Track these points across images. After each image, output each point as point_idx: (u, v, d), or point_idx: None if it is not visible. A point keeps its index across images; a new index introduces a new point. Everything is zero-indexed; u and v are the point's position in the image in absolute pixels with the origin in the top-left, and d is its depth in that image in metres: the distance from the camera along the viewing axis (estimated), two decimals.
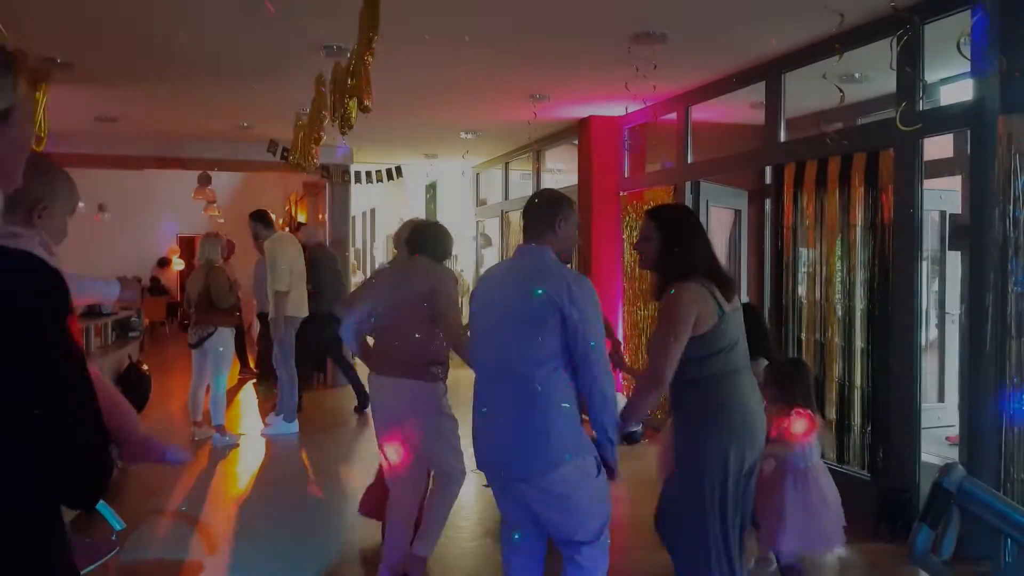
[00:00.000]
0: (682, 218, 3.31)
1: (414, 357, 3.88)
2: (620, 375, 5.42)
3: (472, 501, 5.51)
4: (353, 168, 10.61)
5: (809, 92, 5.96)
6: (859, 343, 5.29)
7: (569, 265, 3.13)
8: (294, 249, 7.87)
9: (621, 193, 8.30)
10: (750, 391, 3.11)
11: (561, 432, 2.82)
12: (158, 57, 6.07)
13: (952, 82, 5.87)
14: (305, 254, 8.07)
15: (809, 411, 3.87)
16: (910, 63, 4.74)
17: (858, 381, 5.29)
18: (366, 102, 4.83)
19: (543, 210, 3.02)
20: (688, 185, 7.19)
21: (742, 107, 7.10)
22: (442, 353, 3.97)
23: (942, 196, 6.49)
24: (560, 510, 2.88)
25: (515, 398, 2.86)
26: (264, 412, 8.22)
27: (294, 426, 7.56)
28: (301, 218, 13.85)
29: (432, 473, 4.11)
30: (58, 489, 1.37)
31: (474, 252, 12.52)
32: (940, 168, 5.97)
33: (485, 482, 3.16)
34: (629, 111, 7.73)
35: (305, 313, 7.85)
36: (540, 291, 2.81)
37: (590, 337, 2.80)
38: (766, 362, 4.09)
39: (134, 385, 5.77)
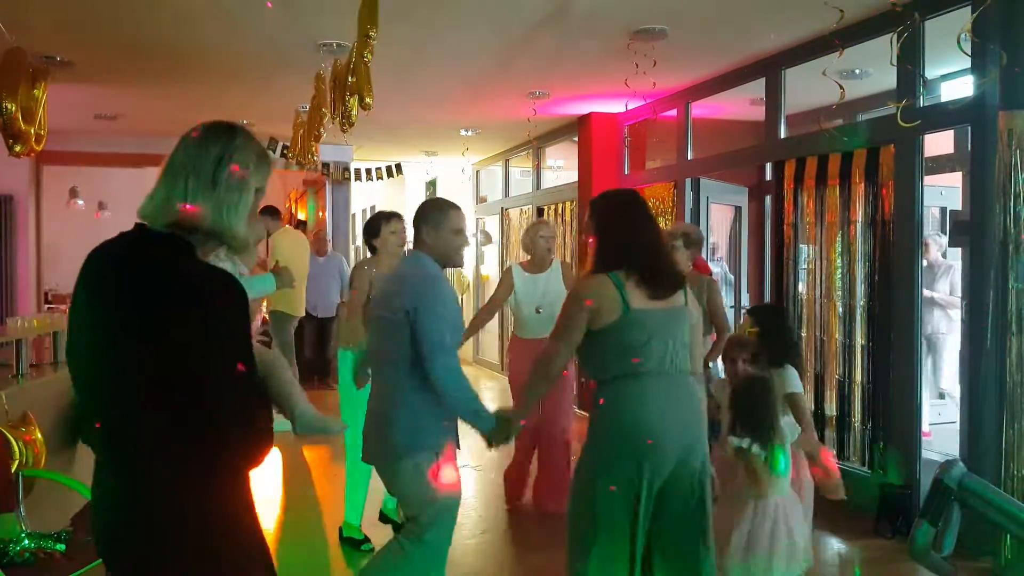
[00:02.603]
0: (611, 207, 3.04)
1: None
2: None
3: (473, 498, 5.51)
4: (353, 165, 10.61)
5: (809, 88, 5.95)
6: (859, 339, 5.29)
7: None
8: (295, 246, 7.87)
9: None
10: (663, 399, 2.80)
11: (402, 427, 2.98)
12: (158, 55, 6.06)
13: (953, 78, 5.87)
14: None
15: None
16: (911, 59, 4.74)
17: (858, 377, 5.28)
18: (367, 99, 4.83)
19: (416, 220, 3.20)
20: (688, 182, 7.19)
21: (742, 103, 7.09)
22: None
23: (942, 192, 6.48)
24: (396, 494, 3.17)
25: (376, 389, 3.17)
26: None
27: None
28: (301, 216, 13.85)
29: None
30: (251, 454, 1.73)
31: (474, 249, 12.52)
32: (941, 164, 5.96)
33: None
34: (629, 107, 7.72)
35: (302, 313, 7.86)
36: (396, 294, 3.03)
37: (426, 339, 2.91)
38: (791, 369, 3.65)
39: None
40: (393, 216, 4.76)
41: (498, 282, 5.53)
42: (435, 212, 3.17)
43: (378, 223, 4.69)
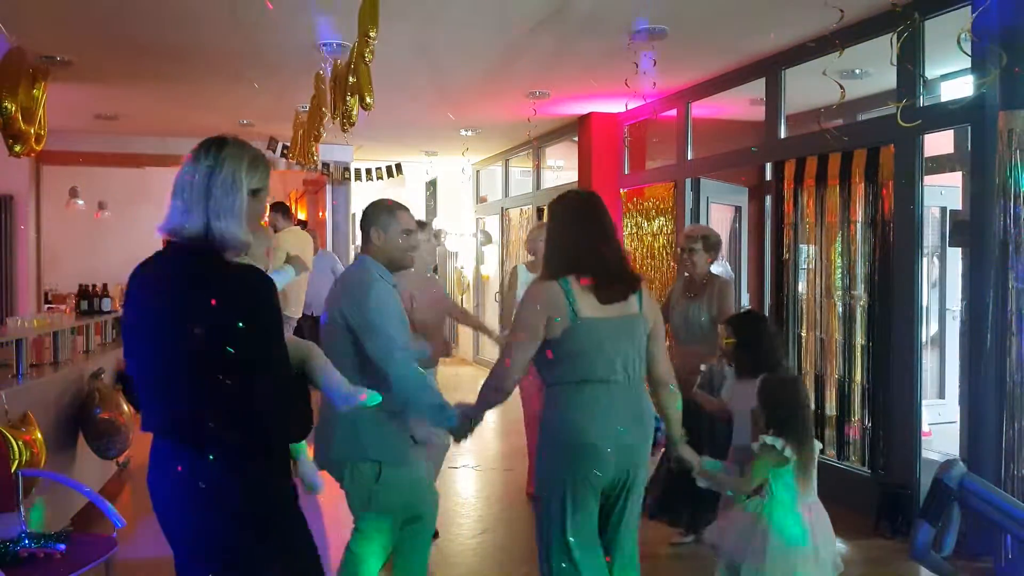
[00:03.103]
0: (563, 211, 2.95)
1: None
2: None
3: (473, 498, 5.51)
4: (353, 165, 10.61)
5: (809, 88, 5.95)
6: (859, 339, 5.29)
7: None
8: (299, 244, 7.86)
9: (621, 190, 8.29)
10: (610, 408, 2.74)
11: (343, 435, 2.99)
12: (158, 55, 6.06)
13: (953, 78, 5.87)
14: None
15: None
16: (910, 59, 4.74)
17: (858, 377, 5.29)
18: (367, 99, 4.83)
19: (362, 221, 3.19)
20: (688, 182, 7.19)
21: (742, 104, 7.09)
22: None
23: (942, 192, 6.48)
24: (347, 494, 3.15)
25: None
26: None
27: None
28: (301, 215, 13.85)
29: None
30: (291, 433, 2.04)
31: (474, 249, 12.52)
32: (940, 164, 5.96)
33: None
34: (629, 108, 7.72)
35: (299, 314, 7.86)
36: (336, 299, 3.06)
37: (368, 341, 2.92)
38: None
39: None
40: (423, 224, 4.76)
41: (508, 284, 5.46)
42: (383, 214, 3.14)
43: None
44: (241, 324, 1.90)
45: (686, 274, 4.77)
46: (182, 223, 1.97)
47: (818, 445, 3.22)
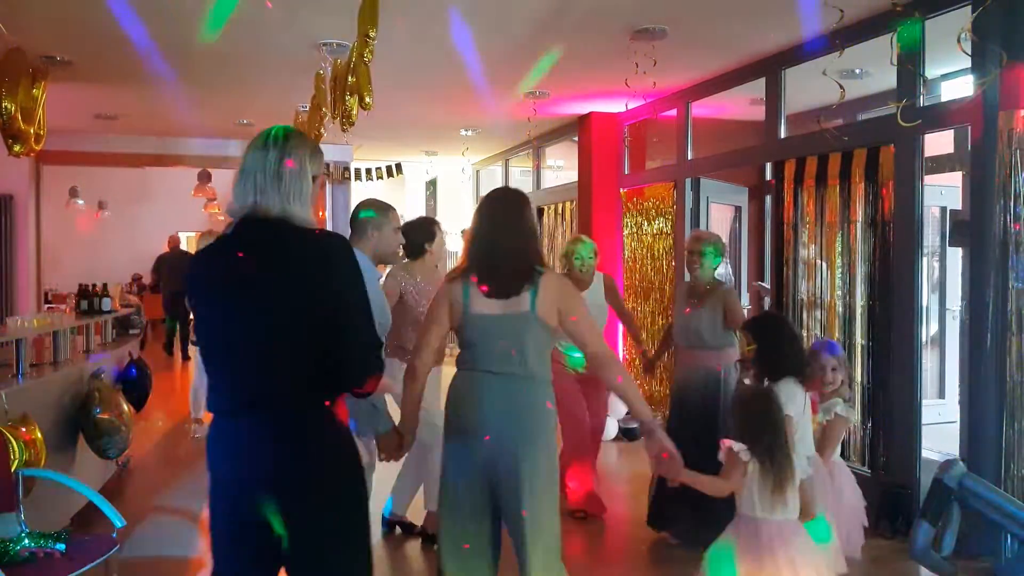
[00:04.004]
0: (479, 207, 3.08)
1: None
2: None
3: None
4: (353, 165, 10.61)
5: (809, 88, 5.95)
6: (859, 339, 5.29)
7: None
8: None
9: (621, 189, 8.30)
10: (493, 398, 2.83)
11: None
12: (157, 55, 6.05)
13: (953, 78, 5.87)
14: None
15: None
16: (910, 59, 4.74)
17: (859, 377, 5.28)
18: (367, 99, 4.83)
19: (354, 218, 3.46)
20: (688, 182, 7.19)
21: (742, 104, 7.09)
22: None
23: (942, 192, 6.48)
24: None
25: None
26: None
27: None
28: None
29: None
30: (361, 378, 2.16)
31: None
32: (941, 164, 5.96)
33: None
34: (629, 107, 7.72)
35: None
36: None
37: None
38: (787, 384, 3.37)
39: (134, 382, 5.76)
40: (436, 221, 4.81)
41: None
42: (379, 212, 3.37)
43: (432, 227, 4.65)
44: (329, 279, 2.09)
45: (689, 279, 4.78)
46: (257, 203, 2.14)
47: (803, 467, 3.03)
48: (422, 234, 4.56)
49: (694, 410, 4.51)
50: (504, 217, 2.97)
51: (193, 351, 7.29)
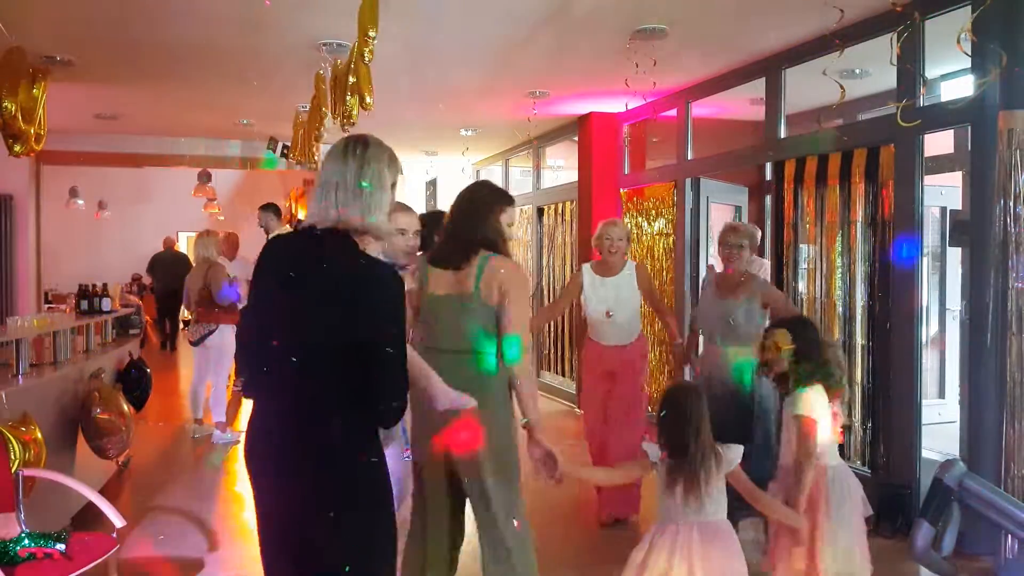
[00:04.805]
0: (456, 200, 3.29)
1: None
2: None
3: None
4: None
5: (809, 88, 5.95)
6: (860, 339, 5.29)
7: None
8: None
9: (621, 189, 8.30)
10: (443, 374, 2.89)
11: None
12: (158, 55, 6.06)
13: (953, 78, 5.87)
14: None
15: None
16: (911, 59, 4.74)
17: (859, 377, 5.29)
18: (367, 99, 4.83)
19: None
20: (688, 182, 7.19)
21: (742, 103, 7.09)
22: None
23: (943, 192, 6.49)
24: None
25: None
26: None
27: None
28: (301, 215, 13.85)
29: None
30: (389, 412, 2.17)
31: None
32: (940, 164, 5.96)
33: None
34: (629, 107, 7.72)
35: None
36: None
37: None
38: (808, 390, 3.28)
39: (134, 382, 5.76)
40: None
41: (568, 281, 5.33)
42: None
43: (443, 219, 4.58)
44: (380, 314, 2.12)
45: (720, 271, 4.76)
46: (337, 217, 2.17)
47: (730, 459, 2.92)
48: (434, 227, 4.53)
49: (724, 410, 4.11)
50: (463, 206, 3.19)
51: (193, 351, 7.27)
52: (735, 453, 2.94)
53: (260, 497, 2.24)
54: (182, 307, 11.41)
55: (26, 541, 3.09)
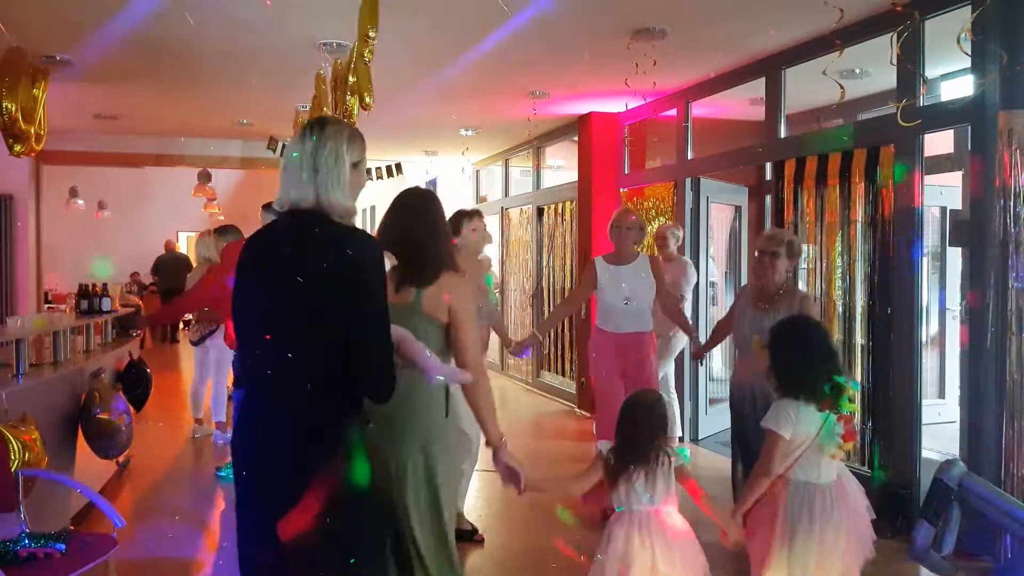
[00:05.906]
0: (391, 205, 3.21)
1: None
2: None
3: (472, 499, 5.51)
4: None
5: (809, 88, 5.95)
6: (859, 339, 5.29)
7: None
8: None
9: (621, 189, 8.30)
10: (412, 389, 2.76)
11: None
12: (157, 55, 6.06)
13: (952, 78, 5.87)
14: None
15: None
16: (910, 59, 4.74)
17: (859, 377, 5.28)
18: (367, 99, 4.83)
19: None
20: (688, 181, 7.19)
21: (742, 103, 7.09)
22: None
23: (942, 192, 6.49)
24: None
25: None
26: None
27: None
28: None
29: None
30: (381, 390, 2.20)
31: None
32: (940, 164, 5.97)
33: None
34: (629, 107, 7.72)
35: None
36: None
37: None
38: (784, 402, 3.09)
39: (134, 382, 5.76)
40: (475, 213, 4.74)
41: (581, 276, 5.32)
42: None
43: (459, 220, 4.64)
44: (352, 282, 2.13)
45: (758, 282, 4.46)
46: (297, 197, 2.22)
47: (663, 474, 3.00)
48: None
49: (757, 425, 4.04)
50: (412, 214, 3.07)
51: (193, 351, 7.27)
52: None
53: (243, 485, 2.31)
54: None
55: (26, 541, 3.09)
